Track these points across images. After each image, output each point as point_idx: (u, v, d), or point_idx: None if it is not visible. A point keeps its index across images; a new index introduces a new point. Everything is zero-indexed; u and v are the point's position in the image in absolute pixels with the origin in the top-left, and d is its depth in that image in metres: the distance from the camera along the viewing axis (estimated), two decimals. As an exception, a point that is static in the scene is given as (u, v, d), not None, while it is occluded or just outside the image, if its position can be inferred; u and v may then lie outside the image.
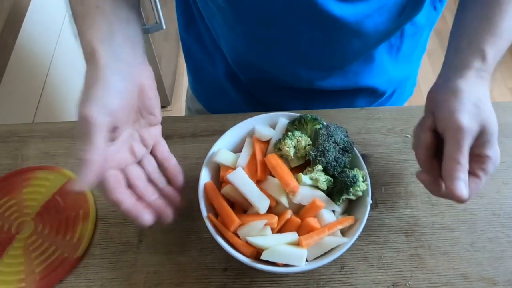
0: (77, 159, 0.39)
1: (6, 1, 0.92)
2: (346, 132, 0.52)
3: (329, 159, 0.48)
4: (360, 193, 0.48)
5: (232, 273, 0.50)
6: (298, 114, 0.53)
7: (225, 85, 0.74)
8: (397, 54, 0.66)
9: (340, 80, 0.66)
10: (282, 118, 0.54)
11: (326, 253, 0.46)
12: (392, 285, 0.50)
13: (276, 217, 0.46)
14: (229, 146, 0.53)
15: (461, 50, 0.49)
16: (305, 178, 0.47)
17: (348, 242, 0.45)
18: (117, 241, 0.53)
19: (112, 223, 0.55)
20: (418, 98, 2.42)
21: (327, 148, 0.48)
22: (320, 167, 0.48)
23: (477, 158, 0.45)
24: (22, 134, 0.64)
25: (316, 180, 0.47)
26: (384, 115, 0.65)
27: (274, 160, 0.48)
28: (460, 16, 0.53)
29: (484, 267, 0.51)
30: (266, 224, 0.46)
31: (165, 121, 0.51)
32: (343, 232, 0.48)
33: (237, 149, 0.53)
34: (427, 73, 2.24)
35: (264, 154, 0.51)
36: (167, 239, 0.53)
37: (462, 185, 0.42)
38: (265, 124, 0.54)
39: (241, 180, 0.46)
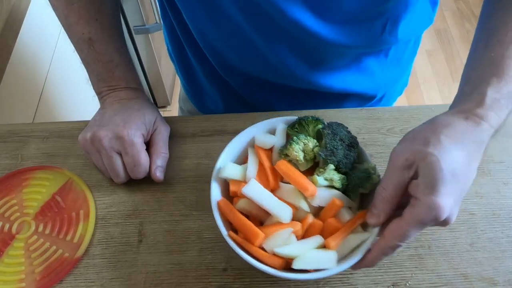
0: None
1: (6, 1, 0.92)
2: (347, 128, 0.51)
3: (339, 157, 0.47)
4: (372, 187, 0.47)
5: (232, 273, 0.50)
6: (296, 117, 0.53)
7: (210, 87, 0.73)
8: (385, 58, 0.66)
9: (327, 80, 0.65)
10: (280, 123, 0.53)
11: (352, 251, 0.45)
12: (392, 285, 0.50)
13: (299, 224, 0.45)
14: (233, 160, 0.52)
15: (462, 93, 0.46)
16: (320, 179, 0.46)
17: (371, 235, 0.44)
18: (117, 241, 0.53)
19: (112, 223, 0.55)
20: (418, 98, 2.42)
21: (335, 146, 0.48)
22: (332, 166, 0.47)
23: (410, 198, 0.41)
24: (22, 134, 0.64)
25: (331, 180, 0.47)
26: (384, 115, 0.65)
27: (285, 166, 0.47)
28: (469, 60, 0.50)
29: (484, 267, 0.51)
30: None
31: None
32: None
33: (241, 161, 0.52)
34: (427, 73, 2.24)
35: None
36: (167, 239, 0.53)
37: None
38: (264, 132, 0.53)
39: (257, 192, 0.45)
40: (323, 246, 0.45)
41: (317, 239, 0.45)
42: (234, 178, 0.49)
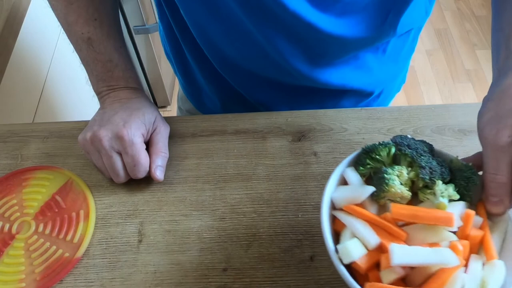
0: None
1: (6, 1, 0.92)
2: (410, 136, 0.48)
3: (438, 169, 0.44)
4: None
5: (232, 273, 0.51)
6: (358, 152, 0.47)
7: (208, 86, 0.73)
8: (383, 54, 0.66)
9: (326, 76, 0.65)
10: (345, 169, 0.46)
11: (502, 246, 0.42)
12: (392, 285, 0.50)
13: (462, 259, 0.39)
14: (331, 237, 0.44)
15: (510, 52, 0.46)
16: (444, 200, 0.42)
17: (508, 221, 0.42)
18: (117, 241, 0.53)
19: (112, 223, 0.55)
20: (418, 98, 2.42)
21: (428, 161, 0.44)
22: (440, 182, 0.43)
23: None
24: (22, 134, 0.64)
25: (449, 196, 0.43)
26: (384, 115, 0.65)
27: (404, 210, 0.41)
28: (500, 20, 0.50)
29: (484, 267, 0.51)
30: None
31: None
32: None
33: (332, 233, 0.44)
34: (427, 73, 2.24)
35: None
36: (167, 239, 0.53)
37: None
38: (337, 188, 0.46)
39: (407, 254, 0.38)
40: (486, 262, 0.41)
41: (478, 260, 0.40)
42: (361, 254, 0.41)
